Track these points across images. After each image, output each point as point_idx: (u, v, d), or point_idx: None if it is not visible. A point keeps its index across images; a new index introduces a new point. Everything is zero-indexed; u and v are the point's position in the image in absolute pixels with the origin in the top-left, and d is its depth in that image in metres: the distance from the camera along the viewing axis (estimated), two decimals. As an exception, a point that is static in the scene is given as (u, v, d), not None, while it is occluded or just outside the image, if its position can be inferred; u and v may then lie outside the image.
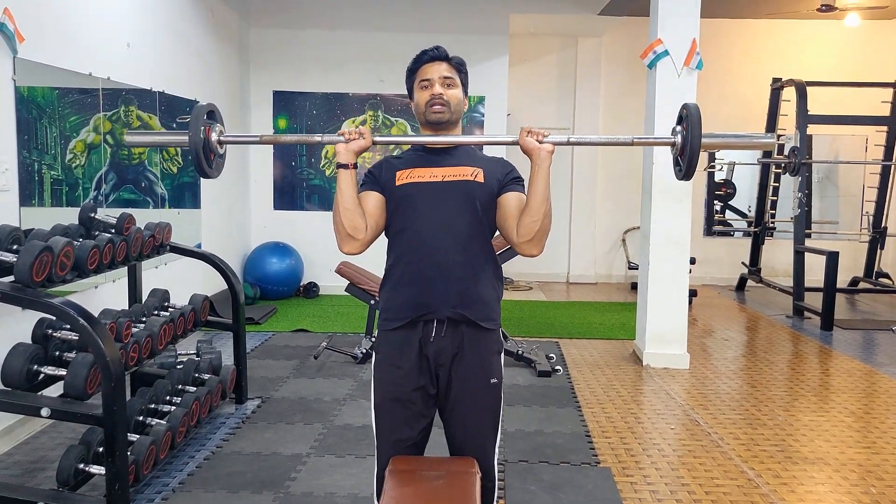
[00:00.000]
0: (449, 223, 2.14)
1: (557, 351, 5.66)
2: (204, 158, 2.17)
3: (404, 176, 2.17)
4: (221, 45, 6.83)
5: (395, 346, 2.18)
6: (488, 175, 2.19)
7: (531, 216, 2.08)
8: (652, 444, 3.84)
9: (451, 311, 2.13)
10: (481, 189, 2.16)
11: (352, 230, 2.12)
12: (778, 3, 7.95)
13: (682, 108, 2.22)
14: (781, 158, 7.75)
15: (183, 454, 3.55)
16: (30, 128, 3.87)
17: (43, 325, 3.19)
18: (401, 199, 2.16)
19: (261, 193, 7.88)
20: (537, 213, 2.07)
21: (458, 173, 2.17)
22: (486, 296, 2.17)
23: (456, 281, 2.13)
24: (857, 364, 5.44)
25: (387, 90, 7.66)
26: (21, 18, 3.64)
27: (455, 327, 2.14)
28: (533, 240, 2.10)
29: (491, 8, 7.68)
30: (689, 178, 2.23)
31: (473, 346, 2.16)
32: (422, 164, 2.20)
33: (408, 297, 2.15)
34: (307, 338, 5.96)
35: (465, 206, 2.15)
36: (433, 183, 2.16)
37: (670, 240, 5.26)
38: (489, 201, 2.18)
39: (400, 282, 2.18)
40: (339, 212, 2.12)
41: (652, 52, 5.15)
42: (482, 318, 2.16)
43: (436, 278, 2.12)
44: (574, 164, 9.06)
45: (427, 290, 2.13)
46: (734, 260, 8.90)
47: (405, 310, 2.15)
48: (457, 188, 2.15)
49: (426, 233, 2.14)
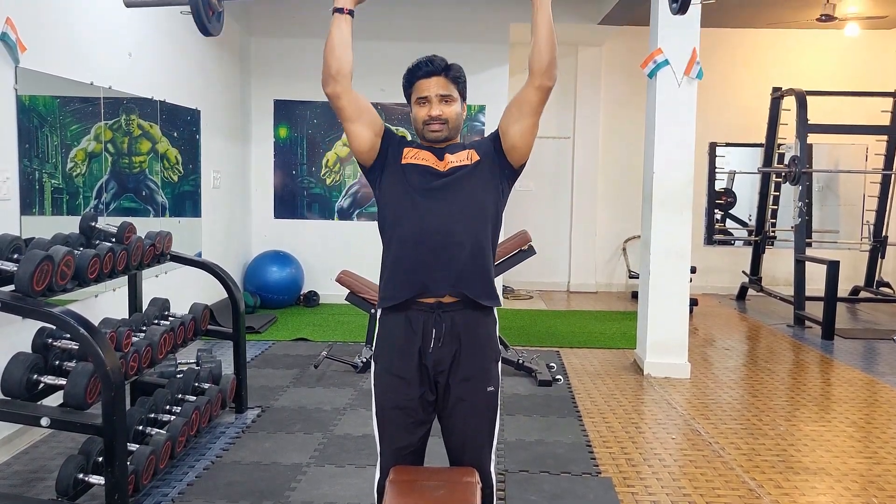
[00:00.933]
0: (449, 208, 2.17)
1: (558, 360, 5.66)
2: (204, 14, 2.28)
3: (410, 155, 2.22)
4: (223, 54, 6.86)
5: (395, 354, 2.19)
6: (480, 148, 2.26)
7: (539, 45, 2.15)
8: (653, 454, 3.83)
9: (450, 289, 2.15)
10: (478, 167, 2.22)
11: (337, 71, 2.22)
12: (778, 13, 7.97)
13: None
14: (782, 167, 7.76)
15: (182, 464, 3.54)
16: (31, 136, 3.88)
17: (43, 334, 3.19)
18: (402, 177, 2.20)
19: (261, 202, 7.89)
20: (545, 41, 2.14)
21: (457, 159, 2.22)
22: (484, 274, 2.20)
23: (455, 262, 2.15)
24: (858, 374, 5.43)
25: (388, 99, 7.65)
26: (23, 28, 3.66)
27: (451, 318, 2.16)
28: (548, 68, 2.15)
29: (491, 17, 7.71)
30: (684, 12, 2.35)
31: (470, 352, 2.18)
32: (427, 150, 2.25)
33: (407, 277, 2.17)
34: (307, 347, 5.96)
35: (465, 189, 2.19)
36: (436, 170, 2.20)
37: (671, 249, 5.26)
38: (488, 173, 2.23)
39: (399, 263, 2.20)
40: (327, 50, 2.22)
41: (652, 62, 5.16)
42: (481, 296, 2.18)
43: (435, 260, 2.15)
44: (574, 173, 9.07)
45: (426, 270, 2.15)
46: (735, 269, 8.89)
47: (404, 288, 2.17)
48: (458, 173, 2.20)
49: (426, 216, 2.16)
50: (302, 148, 7.86)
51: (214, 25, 2.32)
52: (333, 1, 2.18)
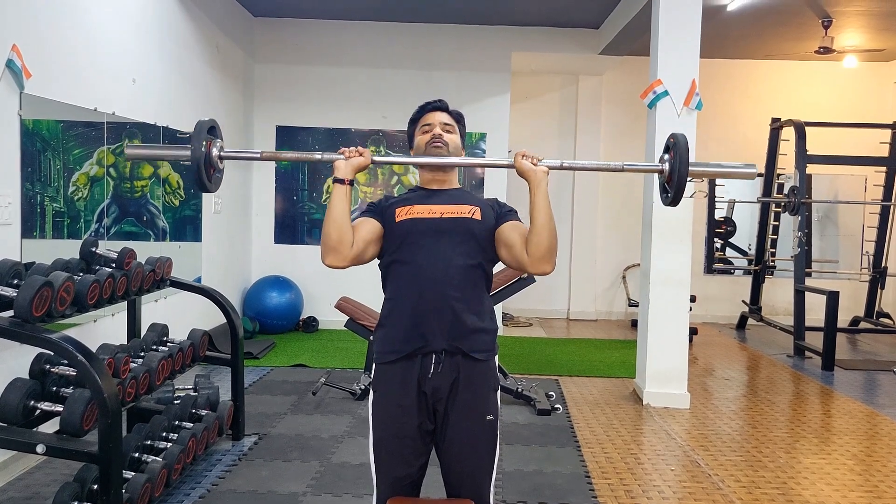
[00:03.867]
0: (447, 259, 2.17)
1: (557, 389, 5.63)
2: (205, 172, 2.23)
3: (403, 213, 2.22)
4: (226, 79, 6.91)
5: (394, 383, 2.18)
6: (485, 213, 2.25)
7: (538, 235, 2.12)
8: (652, 486, 3.80)
9: (447, 345, 2.15)
10: (479, 226, 2.22)
11: (338, 242, 2.14)
12: (777, 45, 8.06)
13: (669, 137, 2.33)
14: (781, 197, 7.78)
15: (178, 492, 3.51)
16: (34, 160, 3.90)
17: (41, 360, 3.18)
18: (399, 235, 2.21)
19: (262, 227, 7.90)
20: (543, 229, 2.11)
21: (456, 211, 2.23)
22: (480, 329, 2.20)
23: (452, 315, 2.15)
24: (858, 405, 5.40)
25: (389, 126, 7.72)
26: (28, 54, 3.69)
27: (451, 359, 2.16)
28: (544, 256, 2.13)
29: (494, 46, 7.78)
30: (676, 204, 2.36)
31: (469, 380, 2.18)
32: (419, 202, 2.26)
33: (405, 332, 2.17)
34: (306, 373, 5.93)
35: (463, 242, 2.19)
36: (432, 219, 2.21)
37: (670, 278, 5.26)
38: (487, 237, 2.23)
39: (397, 315, 2.20)
40: (328, 223, 2.15)
41: (652, 93, 5.21)
42: (476, 350, 2.18)
43: (433, 312, 2.15)
44: (574, 201, 9.10)
45: (424, 323, 2.15)
46: (734, 298, 8.89)
47: (403, 343, 2.17)
48: (455, 224, 2.20)
49: (424, 268, 2.17)
50: (303, 174, 7.90)
51: (214, 183, 2.33)
52: (334, 170, 2.18)
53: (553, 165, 2.21)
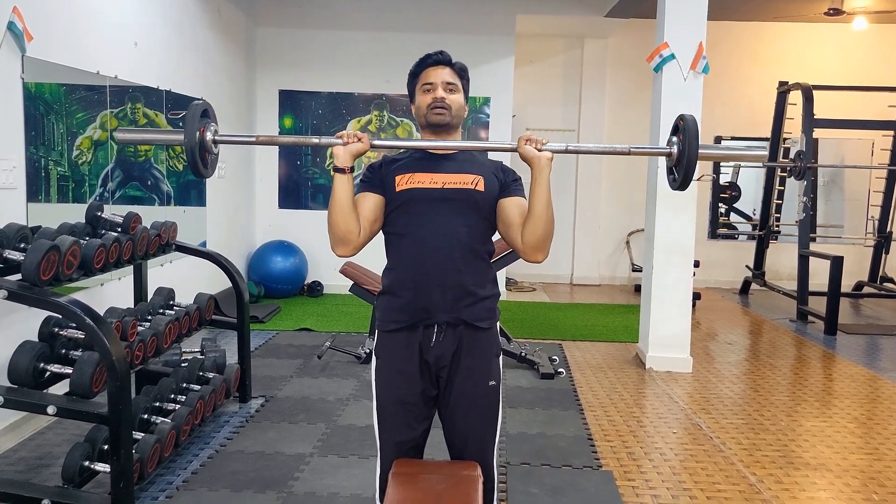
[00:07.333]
0: (449, 230, 2.15)
1: (560, 353, 5.67)
2: (199, 158, 2.20)
3: (404, 181, 2.17)
4: (228, 44, 6.85)
5: (397, 350, 2.19)
6: (488, 182, 2.19)
7: (534, 224, 2.09)
8: (654, 448, 3.84)
9: (449, 316, 2.15)
10: (482, 197, 2.17)
11: (345, 234, 2.13)
12: (785, 7, 7.94)
13: (678, 118, 2.20)
14: (787, 162, 7.75)
15: (187, 452, 3.57)
16: (37, 124, 3.89)
17: (50, 323, 3.20)
18: (400, 205, 2.17)
19: (266, 192, 7.90)
20: (540, 219, 2.09)
21: (459, 181, 2.17)
22: (482, 298, 2.20)
23: (454, 287, 2.14)
24: (860, 369, 5.44)
25: (392, 90, 7.67)
26: (30, 17, 3.66)
27: (454, 330, 2.17)
28: (538, 246, 2.11)
29: (498, 8, 7.69)
30: (685, 188, 2.22)
31: (472, 347, 2.19)
32: (421, 168, 2.20)
33: (407, 302, 2.17)
34: (311, 337, 5.98)
35: (465, 214, 2.16)
36: (434, 189, 2.16)
37: (674, 244, 5.26)
38: (490, 208, 2.19)
39: (399, 286, 2.19)
40: (333, 215, 2.13)
41: (658, 56, 5.15)
42: (478, 319, 2.18)
43: (435, 285, 2.14)
44: (579, 167, 9.07)
45: (426, 295, 2.14)
46: (738, 263, 8.90)
47: (404, 314, 2.17)
48: (457, 195, 2.16)
49: (426, 239, 2.15)
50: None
51: (208, 168, 2.28)
52: (333, 157, 2.14)
53: (558, 150, 2.12)
